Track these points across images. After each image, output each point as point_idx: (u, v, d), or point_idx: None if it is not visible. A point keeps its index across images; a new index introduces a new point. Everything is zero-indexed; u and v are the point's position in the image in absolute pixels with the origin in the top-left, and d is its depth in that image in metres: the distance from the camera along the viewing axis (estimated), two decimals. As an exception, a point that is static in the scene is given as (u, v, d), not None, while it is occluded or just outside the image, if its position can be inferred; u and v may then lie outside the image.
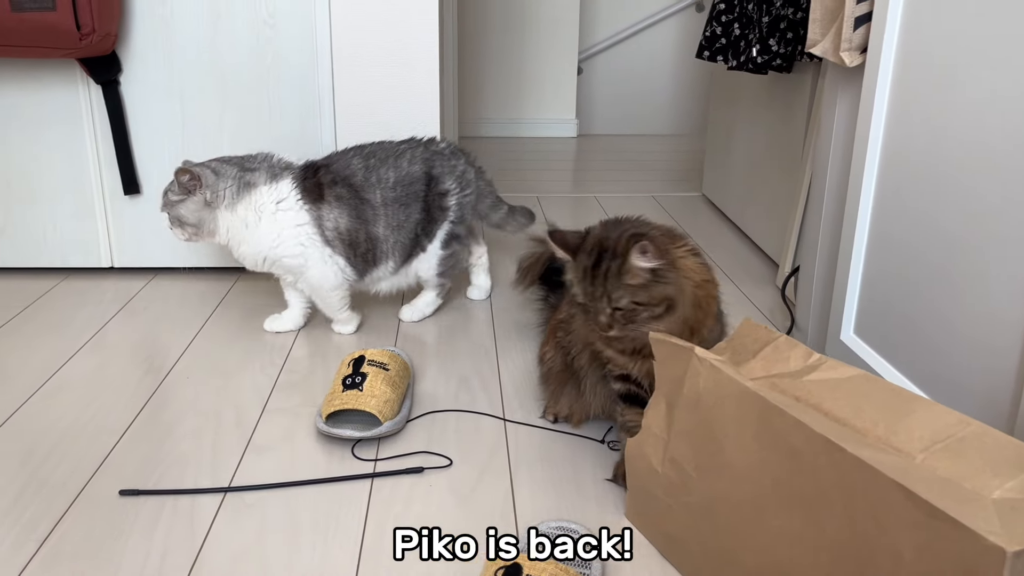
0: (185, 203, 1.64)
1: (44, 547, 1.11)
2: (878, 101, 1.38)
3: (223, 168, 1.67)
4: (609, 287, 1.14)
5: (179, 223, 1.66)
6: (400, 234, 1.76)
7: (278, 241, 1.66)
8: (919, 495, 0.74)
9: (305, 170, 1.71)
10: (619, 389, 1.27)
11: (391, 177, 1.74)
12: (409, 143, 1.82)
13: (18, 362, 1.65)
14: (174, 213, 1.65)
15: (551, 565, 0.96)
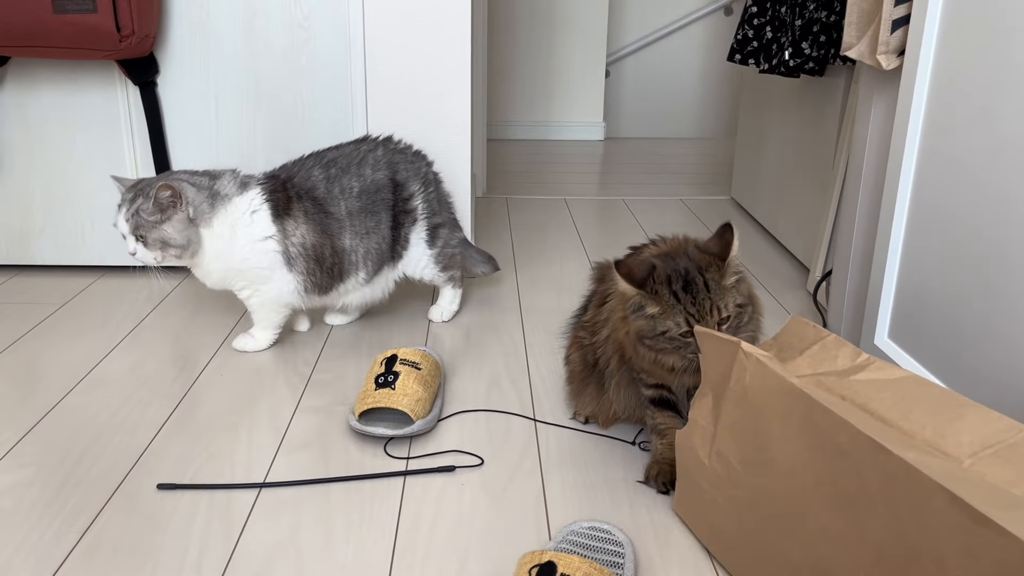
0: (170, 222, 1.53)
1: (84, 539, 1.13)
2: (915, 104, 1.37)
3: (196, 180, 1.59)
4: (714, 297, 1.15)
5: (162, 245, 1.54)
6: (369, 242, 1.70)
7: (248, 253, 1.60)
8: (964, 500, 0.73)
9: (271, 182, 1.65)
10: (651, 395, 1.27)
11: (355, 187, 1.69)
12: (368, 144, 1.76)
13: (57, 358, 1.67)
14: (156, 235, 1.53)
15: (585, 563, 0.96)
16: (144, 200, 1.52)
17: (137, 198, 1.53)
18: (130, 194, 1.55)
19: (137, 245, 1.54)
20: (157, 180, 1.55)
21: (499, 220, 2.79)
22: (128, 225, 1.53)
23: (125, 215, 1.53)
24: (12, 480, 1.26)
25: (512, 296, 2.06)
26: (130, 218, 1.53)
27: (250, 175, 1.66)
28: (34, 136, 2.04)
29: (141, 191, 1.54)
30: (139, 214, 1.52)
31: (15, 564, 1.08)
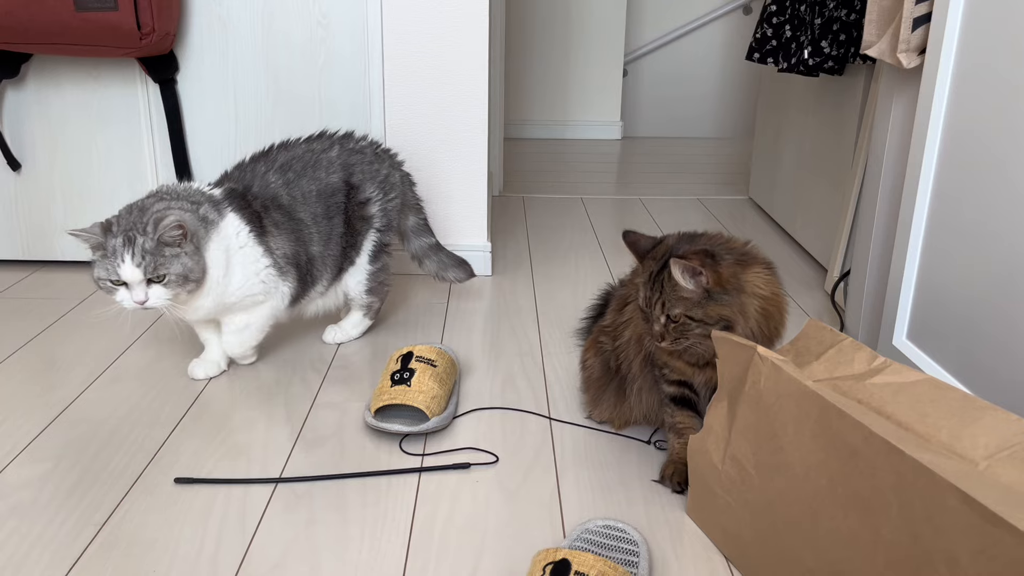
0: (187, 254, 1.38)
1: (102, 532, 1.14)
2: (936, 103, 1.36)
3: (178, 205, 1.44)
4: (665, 295, 1.16)
5: (183, 280, 1.38)
6: (330, 248, 1.63)
7: (243, 281, 1.50)
8: (978, 500, 0.73)
9: (235, 199, 1.52)
10: (672, 392, 1.27)
11: (312, 190, 1.61)
12: (322, 143, 1.67)
13: (76, 353, 1.69)
14: (177, 269, 1.37)
15: (599, 561, 0.96)
16: (149, 237, 1.35)
17: (135, 239, 1.34)
18: (118, 239, 1.35)
19: (151, 289, 1.37)
20: (147, 215, 1.38)
21: (516, 219, 2.79)
22: (140, 270, 1.35)
23: (134, 260, 1.34)
24: (31, 474, 1.27)
25: (528, 295, 2.06)
26: (142, 260, 1.34)
27: (204, 192, 1.51)
28: (56, 132, 2.06)
29: (134, 231, 1.35)
30: (152, 253, 1.35)
31: (33, 556, 1.09)
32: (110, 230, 1.37)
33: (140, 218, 1.37)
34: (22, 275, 2.12)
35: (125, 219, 1.38)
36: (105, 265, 1.36)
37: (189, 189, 1.50)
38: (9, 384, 1.56)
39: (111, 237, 1.36)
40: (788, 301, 1.23)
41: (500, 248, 2.44)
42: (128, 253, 1.34)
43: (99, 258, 1.38)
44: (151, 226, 1.36)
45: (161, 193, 1.47)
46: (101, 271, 1.37)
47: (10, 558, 1.08)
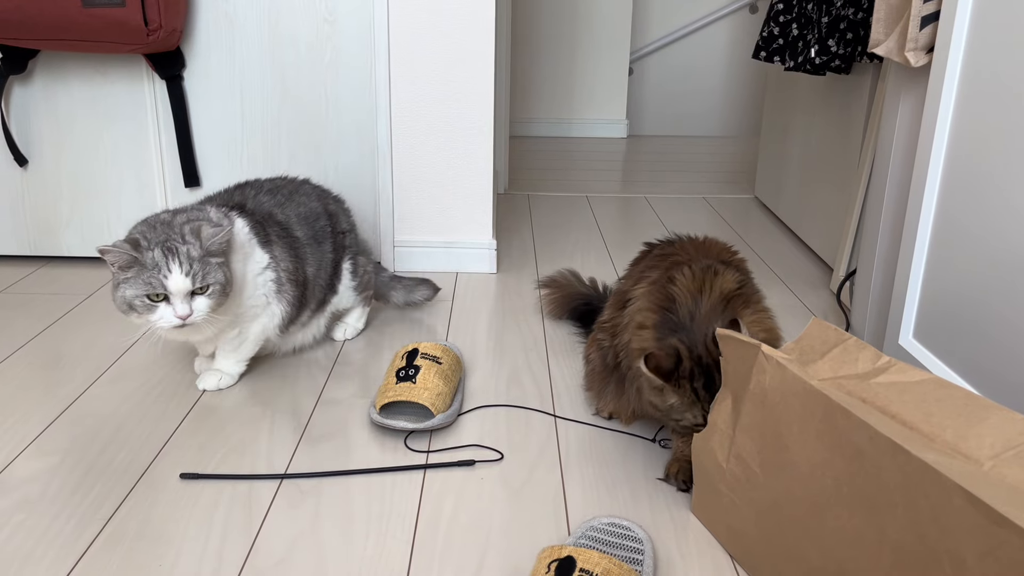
0: (226, 265, 1.34)
1: (108, 527, 1.14)
2: (944, 101, 1.36)
3: (195, 214, 1.39)
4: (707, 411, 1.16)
5: (223, 290, 1.34)
6: (321, 275, 1.61)
7: (252, 288, 1.46)
8: (983, 500, 0.72)
9: (235, 209, 1.49)
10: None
11: (302, 212, 1.60)
12: (287, 181, 1.67)
13: (82, 349, 1.69)
14: (220, 279, 1.33)
15: (604, 559, 0.96)
16: (193, 245, 1.30)
17: (176, 249, 1.28)
18: (155, 251, 1.28)
19: (195, 302, 1.32)
20: (176, 227, 1.33)
21: (521, 217, 2.79)
22: (190, 279, 1.29)
23: (182, 269, 1.28)
24: (38, 468, 1.28)
25: (533, 293, 2.06)
26: (191, 269, 1.28)
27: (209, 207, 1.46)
28: (62, 128, 2.06)
29: (172, 241, 1.30)
30: (200, 260, 1.30)
31: (39, 551, 1.09)
32: (139, 245, 1.29)
33: (170, 231, 1.30)
34: (28, 271, 2.13)
35: (152, 233, 1.31)
36: (145, 279, 1.27)
37: (187, 206, 1.44)
38: (16, 379, 1.56)
39: (146, 251, 1.28)
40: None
41: (505, 246, 2.44)
42: (174, 263, 1.27)
43: (132, 275, 1.28)
44: (191, 235, 1.30)
45: (169, 211, 1.41)
46: (138, 288, 1.27)
47: (17, 551, 1.09)
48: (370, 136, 2.08)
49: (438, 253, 2.18)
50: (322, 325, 1.70)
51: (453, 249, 2.17)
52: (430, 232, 2.17)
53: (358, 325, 1.79)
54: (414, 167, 2.12)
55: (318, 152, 2.09)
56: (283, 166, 2.10)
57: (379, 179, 2.11)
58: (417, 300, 1.89)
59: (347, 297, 1.72)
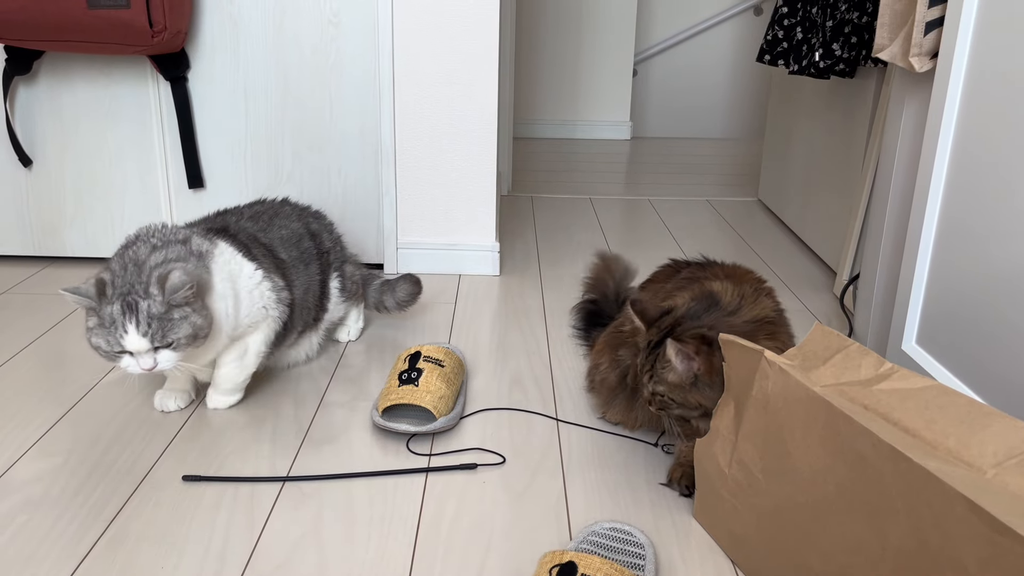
0: (196, 311, 1.25)
1: (111, 528, 1.14)
2: (948, 107, 1.36)
3: (174, 250, 1.30)
4: (655, 370, 1.18)
5: (192, 339, 1.25)
6: (309, 297, 1.58)
7: (250, 304, 1.41)
8: (985, 509, 0.72)
9: (218, 232, 1.45)
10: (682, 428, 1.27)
11: (284, 235, 1.57)
12: (270, 202, 1.66)
13: (86, 349, 1.70)
14: (185, 333, 1.24)
15: (606, 564, 0.96)
16: (155, 300, 1.22)
17: (136, 305, 1.20)
18: (115, 305, 1.20)
19: (159, 355, 1.24)
20: (145, 272, 1.24)
21: (524, 219, 2.79)
22: (147, 339, 1.21)
23: (139, 329, 1.20)
24: (41, 468, 1.28)
25: (536, 295, 2.06)
26: (148, 329, 1.21)
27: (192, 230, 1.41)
28: (67, 129, 2.07)
29: (134, 294, 1.22)
30: (159, 318, 1.21)
31: (42, 552, 1.09)
32: (104, 293, 1.22)
33: (138, 276, 1.23)
34: (32, 271, 2.13)
35: (121, 277, 1.23)
36: (104, 336, 1.21)
37: (172, 228, 1.37)
38: (19, 380, 1.56)
39: (106, 303, 1.21)
40: None
41: (508, 248, 2.44)
42: (131, 322, 1.20)
43: (94, 325, 1.22)
44: (155, 287, 1.22)
45: (147, 237, 1.32)
46: (100, 340, 1.22)
47: (20, 552, 1.09)
48: (373, 138, 2.08)
49: (441, 255, 2.18)
50: (315, 343, 1.66)
51: (456, 251, 2.17)
52: (433, 234, 2.17)
53: (359, 325, 1.79)
54: (417, 169, 2.12)
55: (322, 153, 2.09)
56: (286, 167, 2.10)
57: (382, 181, 2.11)
58: (404, 299, 1.83)
59: (338, 310, 1.70)
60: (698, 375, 1.14)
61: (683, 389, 1.15)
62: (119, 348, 1.22)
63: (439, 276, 2.17)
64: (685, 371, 1.14)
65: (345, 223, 2.15)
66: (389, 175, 2.10)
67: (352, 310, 1.76)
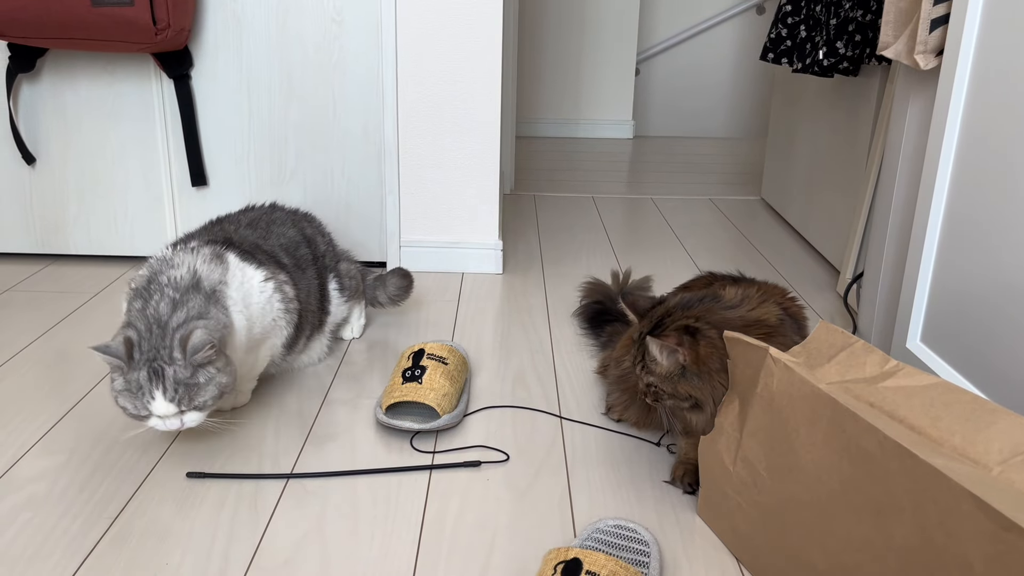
0: (220, 370, 1.23)
1: (115, 525, 1.14)
2: (953, 105, 1.35)
3: (193, 302, 1.26)
4: (646, 361, 1.18)
5: (219, 395, 1.24)
6: (311, 301, 1.56)
7: (260, 320, 1.40)
8: (992, 506, 0.72)
9: (222, 243, 1.43)
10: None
11: (283, 243, 1.57)
12: (260, 209, 1.65)
13: (87, 347, 1.70)
14: (211, 395, 1.22)
15: (611, 561, 0.96)
16: (179, 365, 1.20)
17: (162, 371, 1.19)
18: (142, 372, 1.18)
19: (185, 416, 1.22)
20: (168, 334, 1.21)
21: (527, 218, 2.79)
22: (174, 404, 1.20)
23: (166, 396, 1.19)
24: (45, 466, 1.28)
25: (539, 293, 2.06)
26: (175, 395, 1.19)
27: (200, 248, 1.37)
28: (70, 127, 2.07)
29: (160, 360, 1.19)
30: (186, 383, 1.20)
31: (46, 549, 1.09)
32: (132, 356, 1.20)
33: (163, 340, 1.20)
34: (36, 268, 2.14)
35: (147, 341, 1.20)
36: (131, 400, 1.20)
37: (182, 265, 1.32)
38: (22, 377, 1.57)
39: (134, 368, 1.19)
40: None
41: (511, 246, 2.44)
42: (158, 389, 1.18)
43: (122, 387, 1.20)
44: (178, 350, 1.19)
45: (165, 287, 1.27)
46: (127, 403, 1.20)
47: (24, 549, 1.09)
48: (377, 136, 2.08)
49: (444, 253, 2.18)
50: (324, 344, 1.66)
51: (459, 249, 2.17)
52: (436, 232, 2.17)
53: (361, 322, 1.79)
54: (421, 167, 2.12)
55: (325, 152, 2.09)
56: (290, 166, 2.10)
57: (386, 179, 2.11)
58: (395, 293, 1.83)
59: (341, 311, 1.70)
60: (685, 366, 1.14)
61: (672, 380, 1.15)
62: (146, 413, 1.21)
63: (442, 274, 2.17)
64: (671, 363, 1.14)
65: (348, 221, 2.15)
66: (392, 173, 2.10)
67: (355, 308, 1.76)
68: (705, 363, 1.12)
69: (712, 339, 1.13)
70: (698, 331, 1.13)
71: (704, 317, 1.15)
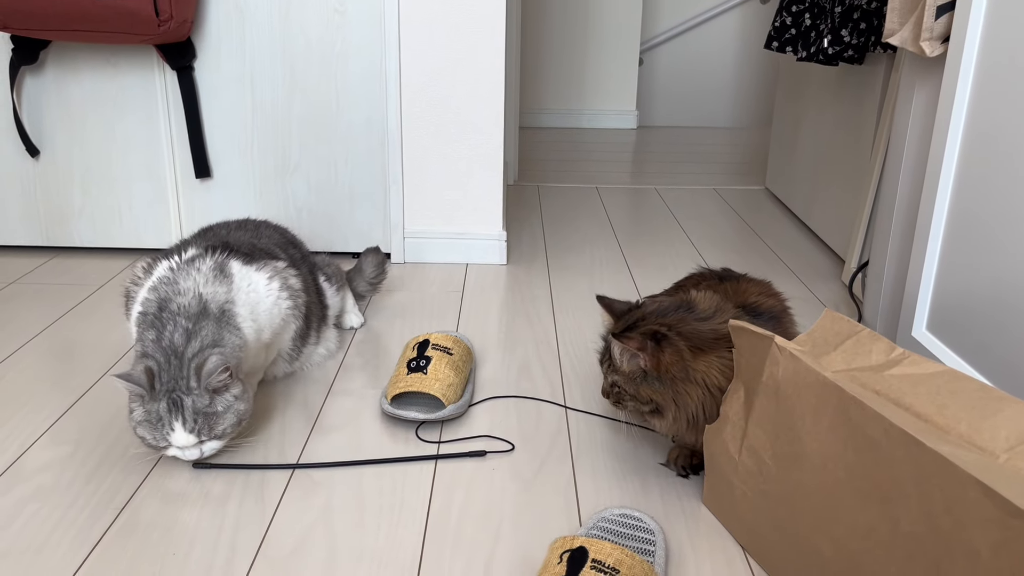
0: (236, 396, 1.25)
1: (121, 516, 1.15)
2: (960, 92, 1.35)
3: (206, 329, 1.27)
4: (612, 360, 1.19)
5: (238, 422, 1.25)
6: (311, 294, 1.57)
7: (268, 322, 1.40)
8: (999, 493, 0.72)
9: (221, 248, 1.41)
10: None
11: (275, 241, 1.58)
12: (233, 222, 1.63)
13: (95, 338, 1.70)
14: (231, 423, 1.24)
15: (616, 550, 0.96)
16: (196, 394, 1.21)
17: (181, 401, 1.20)
18: (161, 403, 1.19)
19: (204, 445, 1.23)
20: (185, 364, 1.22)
21: (530, 208, 2.79)
22: (194, 435, 1.20)
23: (186, 427, 1.20)
24: (52, 457, 1.29)
25: (543, 284, 2.06)
26: (195, 425, 1.20)
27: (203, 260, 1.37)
28: (74, 119, 2.07)
29: (179, 391, 1.20)
30: (205, 413, 1.21)
31: (54, 539, 1.10)
32: (153, 387, 1.20)
33: (180, 371, 1.21)
34: (41, 261, 2.14)
35: (166, 372, 1.21)
36: (150, 431, 1.20)
37: (186, 283, 1.32)
38: (28, 369, 1.57)
39: (154, 399, 1.20)
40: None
41: (515, 237, 2.44)
42: (177, 420, 1.19)
43: (141, 417, 1.21)
44: (194, 379, 1.21)
45: (176, 315, 1.27)
46: (146, 434, 1.21)
47: (32, 540, 1.10)
48: (380, 127, 2.08)
49: (448, 244, 2.18)
50: (332, 337, 1.66)
51: (463, 240, 2.17)
52: (440, 223, 2.17)
53: (356, 307, 1.79)
54: (424, 157, 2.11)
55: (329, 143, 2.09)
56: (294, 156, 2.10)
57: (389, 170, 2.11)
58: (373, 275, 1.84)
59: (335, 301, 1.70)
60: (646, 370, 1.14)
61: (635, 382, 1.16)
62: (165, 444, 1.21)
63: (446, 265, 2.17)
64: (632, 366, 1.15)
65: (352, 212, 2.15)
66: (396, 164, 2.10)
67: (346, 296, 1.76)
68: (668, 370, 1.12)
69: (678, 348, 1.12)
70: (665, 338, 1.13)
71: (675, 326, 1.14)
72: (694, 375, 1.12)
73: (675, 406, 1.14)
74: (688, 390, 1.13)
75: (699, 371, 1.12)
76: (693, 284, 1.44)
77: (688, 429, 1.17)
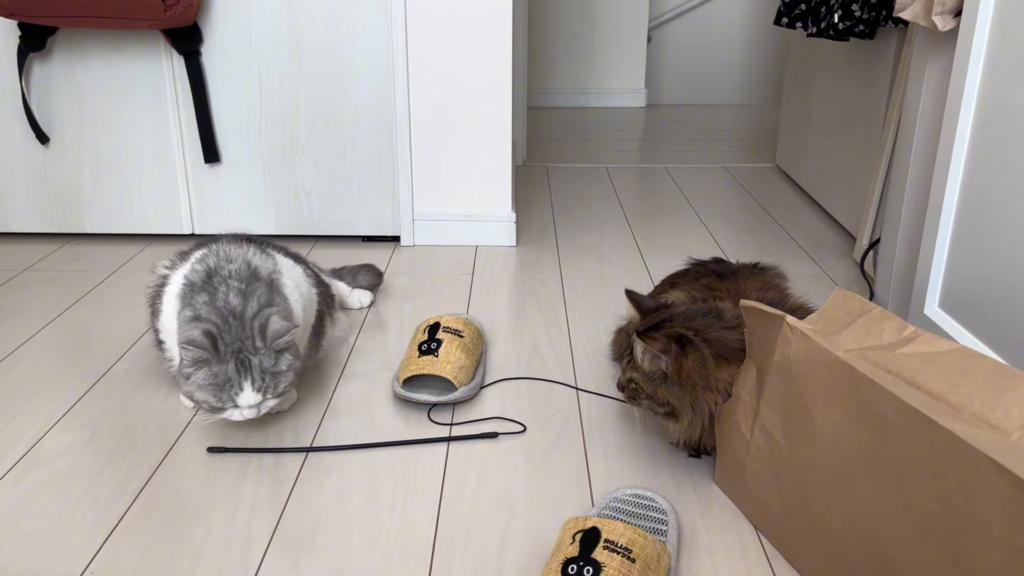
0: (293, 355, 1.26)
1: (139, 499, 1.16)
2: (972, 67, 1.33)
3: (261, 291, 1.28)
4: (634, 358, 1.18)
5: (292, 382, 1.26)
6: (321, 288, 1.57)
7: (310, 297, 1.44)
8: (1011, 470, 0.72)
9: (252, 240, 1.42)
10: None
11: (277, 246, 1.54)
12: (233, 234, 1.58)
13: (106, 325, 1.71)
14: (290, 380, 1.25)
15: (629, 529, 0.97)
16: (263, 354, 1.22)
17: (248, 362, 1.20)
18: (229, 365, 1.20)
19: (267, 403, 1.24)
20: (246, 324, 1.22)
21: (539, 189, 2.78)
22: (261, 394, 1.22)
23: (255, 386, 1.21)
24: (70, 441, 1.30)
25: (553, 265, 2.06)
26: (262, 384, 1.21)
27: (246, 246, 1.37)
28: (82, 105, 2.07)
29: (245, 352, 1.21)
30: (271, 372, 1.22)
31: (74, 522, 1.11)
32: (217, 350, 1.20)
33: (243, 331, 1.21)
34: (52, 248, 2.15)
35: (228, 333, 1.21)
36: (215, 391, 1.20)
37: (233, 251, 1.33)
38: (44, 355, 1.58)
39: (221, 361, 1.20)
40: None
41: (524, 218, 2.44)
42: (247, 380, 1.20)
43: (202, 380, 1.20)
44: (260, 339, 1.21)
45: (229, 279, 1.28)
46: (209, 396, 1.20)
47: (51, 524, 1.11)
48: (388, 109, 2.07)
49: (457, 226, 2.18)
50: (344, 320, 1.67)
51: (472, 222, 2.17)
52: (449, 205, 2.17)
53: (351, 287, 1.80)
54: (432, 140, 2.11)
55: (336, 126, 2.09)
56: (302, 140, 2.10)
57: (398, 153, 2.11)
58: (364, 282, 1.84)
59: (340, 289, 1.74)
60: (667, 373, 1.13)
61: (654, 382, 1.15)
62: (231, 404, 1.22)
63: (456, 247, 2.17)
64: (653, 367, 1.14)
65: (361, 195, 2.15)
66: (404, 147, 2.10)
67: (332, 280, 1.75)
68: (689, 376, 1.11)
69: (703, 355, 1.11)
70: (690, 343, 1.11)
71: (702, 332, 1.13)
72: (716, 384, 1.11)
73: (692, 412, 1.13)
74: (707, 398, 1.12)
75: (721, 380, 1.11)
76: (691, 280, 1.44)
77: (701, 436, 1.17)
